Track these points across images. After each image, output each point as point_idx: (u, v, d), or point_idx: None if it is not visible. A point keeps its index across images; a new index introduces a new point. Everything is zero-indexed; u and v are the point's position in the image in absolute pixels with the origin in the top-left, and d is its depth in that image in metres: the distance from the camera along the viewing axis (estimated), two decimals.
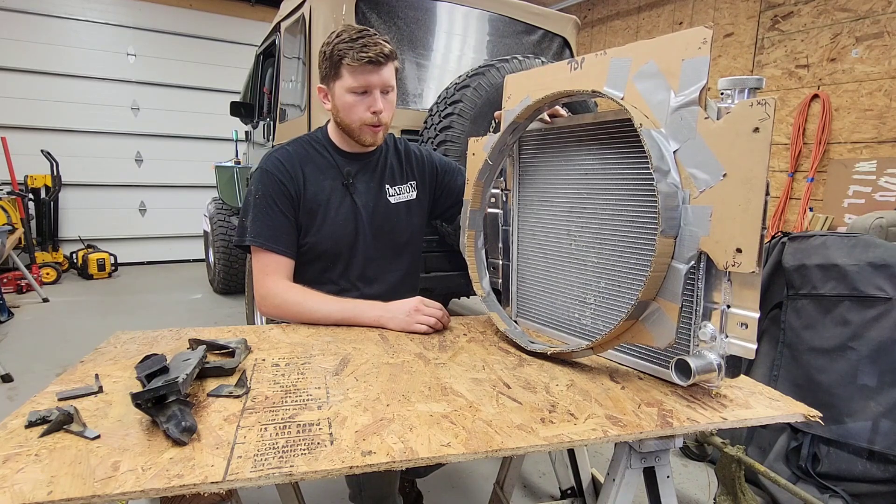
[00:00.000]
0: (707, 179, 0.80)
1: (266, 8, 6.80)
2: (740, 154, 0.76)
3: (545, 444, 0.71)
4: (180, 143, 6.80)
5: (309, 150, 1.36)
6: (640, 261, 0.95)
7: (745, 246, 0.75)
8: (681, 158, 0.83)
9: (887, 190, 3.55)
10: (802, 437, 1.86)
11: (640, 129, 0.83)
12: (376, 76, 1.23)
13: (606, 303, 1.03)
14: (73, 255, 5.98)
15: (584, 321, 1.09)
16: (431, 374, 0.94)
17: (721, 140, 0.78)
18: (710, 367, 0.82)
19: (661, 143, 0.84)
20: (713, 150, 0.79)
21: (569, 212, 1.12)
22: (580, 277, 1.09)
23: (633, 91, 0.92)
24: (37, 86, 5.95)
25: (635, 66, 0.91)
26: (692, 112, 0.82)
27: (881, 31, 3.62)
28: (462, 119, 1.95)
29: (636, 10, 5.48)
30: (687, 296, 0.85)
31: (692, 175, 0.82)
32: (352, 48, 1.20)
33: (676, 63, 0.84)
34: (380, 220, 1.39)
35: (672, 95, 0.85)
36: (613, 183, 1.01)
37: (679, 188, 0.83)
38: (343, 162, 1.37)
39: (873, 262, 1.77)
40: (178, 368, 0.81)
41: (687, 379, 0.82)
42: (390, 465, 0.65)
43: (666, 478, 0.88)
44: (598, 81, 0.97)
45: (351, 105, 1.26)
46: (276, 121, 3.06)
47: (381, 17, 2.36)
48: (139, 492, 0.58)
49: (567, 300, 1.13)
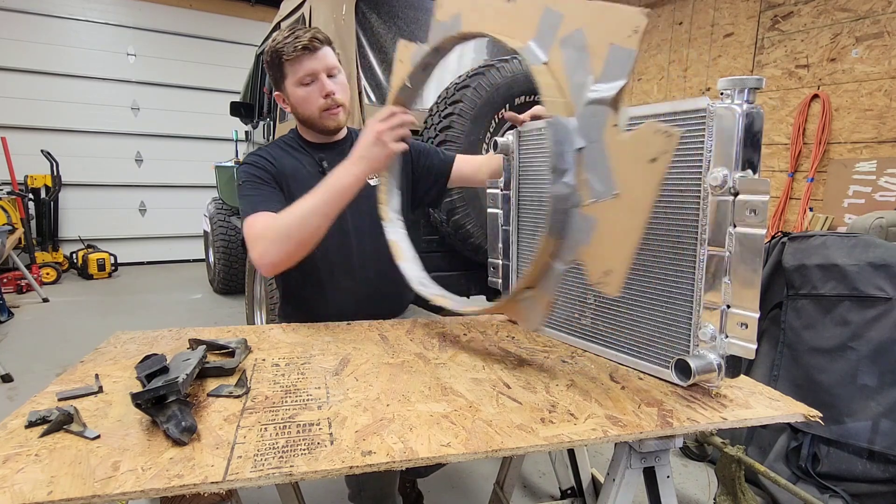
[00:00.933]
0: (600, 192, 0.75)
1: (266, 8, 6.81)
2: (634, 178, 0.70)
3: (545, 444, 0.71)
4: (180, 143, 6.81)
5: (283, 147, 1.39)
6: (639, 262, 0.94)
7: (615, 269, 0.74)
8: (584, 159, 0.76)
9: (887, 190, 3.55)
10: (802, 437, 1.86)
11: (547, 120, 0.79)
12: (316, 61, 1.26)
13: (606, 303, 1.03)
14: (73, 255, 5.98)
15: (583, 321, 1.09)
16: (431, 374, 0.94)
17: (622, 156, 0.72)
18: (710, 367, 0.82)
19: (567, 137, 0.76)
20: (612, 164, 0.73)
21: None
22: (580, 278, 1.09)
23: (557, 58, 0.80)
24: (37, 86, 5.95)
25: (566, 27, 0.79)
26: (604, 112, 0.73)
27: (881, 31, 3.62)
28: (462, 119, 1.95)
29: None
30: (686, 296, 0.85)
31: (588, 181, 0.76)
32: (286, 44, 1.25)
33: (604, 44, 0.73)
34: (361, 200, 1.32)
35: (590, 81, 0.75)
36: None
37: (574, 191, 0.78)
38: (315, 152, 1.40)
39: (873, 262, 1.77)
40: (178, 368, 0.81)
41: (687, 379, 0.82)
42: (390, 465, 0.65)
43: (666, 478, 0.88)
44: (527, 28, 0.85)
45: (304, 97, 1.29)
46: (275, 121, 3.06)
47: (381, 17, 2.36)
48: (139, 492, 0.58)
49: (566, 300, 1.13)
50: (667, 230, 0.89)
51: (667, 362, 0.91)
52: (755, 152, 0.76)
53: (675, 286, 0.88)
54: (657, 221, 0.89)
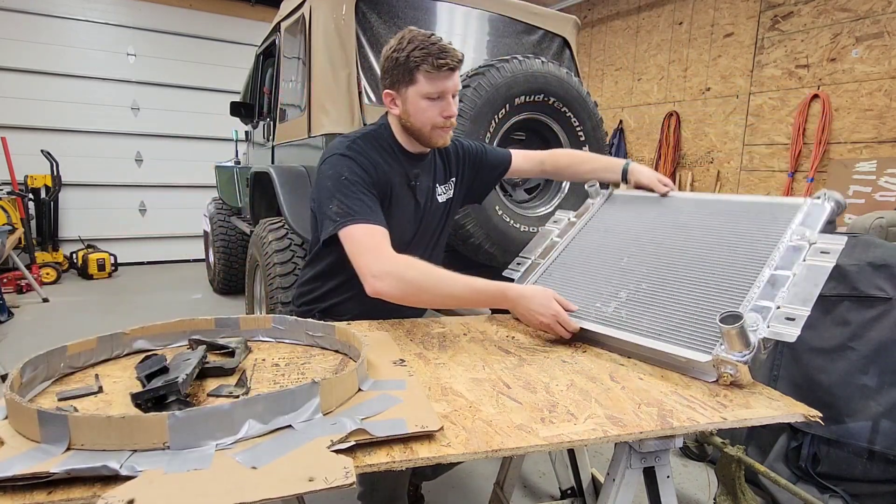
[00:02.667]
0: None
1: (266, 8, 6.80)
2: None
3: (545, 444, 0.71)
4: (180, 143, 6.80)
5: (377, 148, 1.35)
6: (690, 275, 1.11)
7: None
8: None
9: (887, 190, 3.56)
10: (802, 437, 1.86)
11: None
12: (451, 82, 1.26)
13: (638, 298, 1.12)
14: (73, 255, 5.98)
15: (605, 309, 1.15)
16: (431, 374, 0.94)
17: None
18: (750, 339, 0.87)
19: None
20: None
21: (629, 255, 1.27)
22: (621, 279, 1.20)
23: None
24: (37, 86, 5.94)
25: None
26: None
27: (881, 31, 3.62)
28: (462, 119, 1.95)
29: (636, 10, 5.48)
30: (735, 301, 1.00)
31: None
32: (429, 54, 1.21)
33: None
34: (430, 218, 1.44)
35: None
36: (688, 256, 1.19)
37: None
38: (407, 162, 1.38)
39: (873, 262, 1.77)
40: (178, 368, 0.81)
41: (734, 328, 0.86)
42: (390, 465, 0.65)
43: (666, 478, 0.88)
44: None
45: (425, 109, 1.27)
46: (276, 121, 3.06)
47: (381, 17, 2.36)
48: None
49: (592, 293, 1.20)
50: (732, 258, 1.11)
51: (684, 341, 0.98)
52: (833, 229, 1.13)
53: (726, 292, 1.04)
54: (722, 252, 1.13)
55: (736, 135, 4.59)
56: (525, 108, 2.12)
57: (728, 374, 0.90)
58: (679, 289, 1.10)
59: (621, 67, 5.71)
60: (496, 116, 2.03)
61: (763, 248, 1.09)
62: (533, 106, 2.13)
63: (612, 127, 5.76)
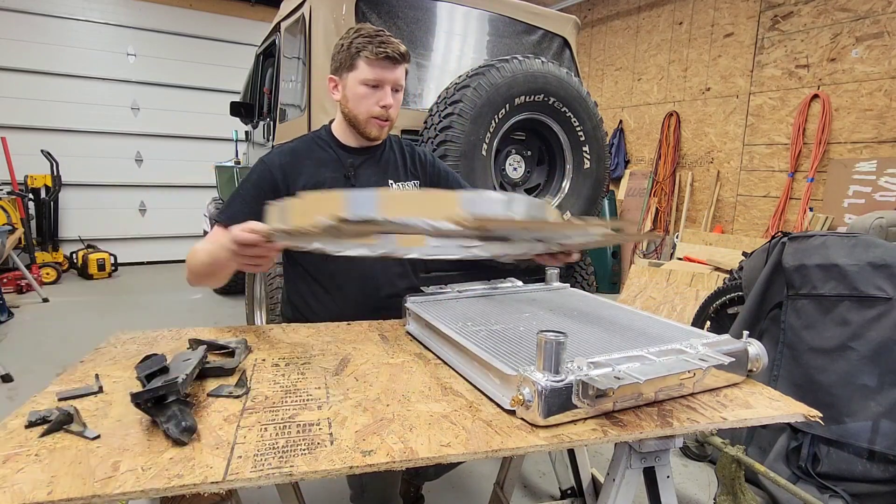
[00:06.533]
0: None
1: (266, 8, 6.80)
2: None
3: (545, 444, 0.71)
4: (180, 143, 6.80)
5: (311, 146, 1.39)
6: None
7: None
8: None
9: (887, 190, 3.55)
10: (802, 437, 1.86)
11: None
12: (390, 72, 1.28)
13: (501, 330, 1.04)
14: (73, 255, 5.98)
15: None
16: (431, 374, 0.94)
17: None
18: (562, 362, 0.74)
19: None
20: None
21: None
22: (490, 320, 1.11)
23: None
24: (37, 86, 5.94)
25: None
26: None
27: (881, 31, 3.62)
28: (462, 119, 1.96)
29: (636, 10, 5.48)
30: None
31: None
32: (371, 42, 1.25)
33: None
34: None
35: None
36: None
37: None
38: (345, 156, 1.39)
39: (873, 262, 1.77)
40: (178, 368, 0.81)
41: (552, 337, 0.73)
42: (390, 465, 0.65)
43: (666, 478, 0.88)
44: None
45: (362, 96, 1.30)
46: (276, 121, 3.06)
47: (382, 17, 2.36)
48: (139, 492, 0.58)
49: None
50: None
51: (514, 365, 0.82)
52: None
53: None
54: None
55: (736, 135, 4.59)
56: (525, 107, 2.13)
57: (521, 395, 0.74)
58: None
59: (621, 67, 5.71)
60: (496, 116, 2.03)
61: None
62: (533, 106, 2.14)
63: (612, 127, 5.76)
